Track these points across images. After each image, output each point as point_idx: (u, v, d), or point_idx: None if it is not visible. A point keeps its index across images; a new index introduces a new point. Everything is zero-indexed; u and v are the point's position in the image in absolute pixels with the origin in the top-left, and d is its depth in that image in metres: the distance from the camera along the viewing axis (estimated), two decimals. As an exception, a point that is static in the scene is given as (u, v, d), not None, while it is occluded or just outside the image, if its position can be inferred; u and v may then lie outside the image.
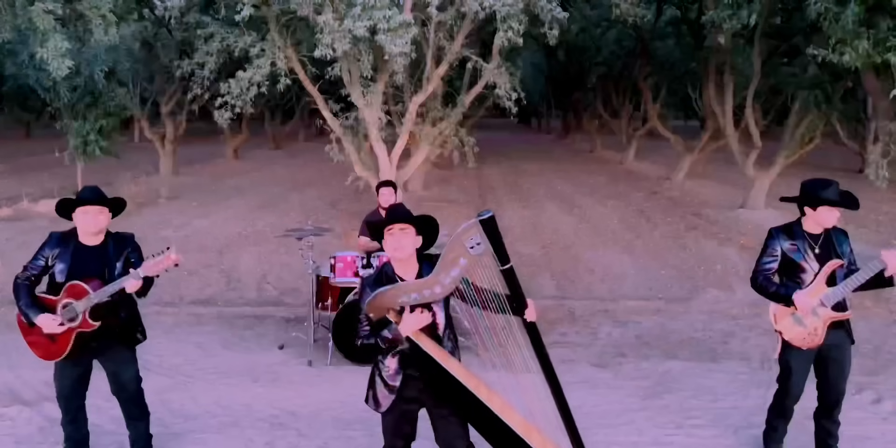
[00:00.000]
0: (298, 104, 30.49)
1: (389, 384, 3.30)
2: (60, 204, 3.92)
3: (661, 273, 9.12)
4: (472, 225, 3.02)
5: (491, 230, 3.02)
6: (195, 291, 8.18)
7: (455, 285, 3.13)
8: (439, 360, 3.21)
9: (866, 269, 3.85)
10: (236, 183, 17.73)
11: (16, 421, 4.76)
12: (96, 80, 12.22)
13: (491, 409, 3.20)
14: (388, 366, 3.30)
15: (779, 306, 4.05)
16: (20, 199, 13.61)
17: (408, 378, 3.28)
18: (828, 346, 4.04)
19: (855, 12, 6.63)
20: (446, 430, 3.32)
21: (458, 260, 3.07)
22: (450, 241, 3.06)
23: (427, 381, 3.26)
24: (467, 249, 3.05)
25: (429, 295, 3.12)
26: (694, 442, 4.58)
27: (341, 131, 10.45)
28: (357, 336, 3.27)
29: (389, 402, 3.30)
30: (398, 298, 3.13)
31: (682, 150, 18.56)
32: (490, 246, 3.04)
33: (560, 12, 9.13)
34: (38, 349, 3.90)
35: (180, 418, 4.81)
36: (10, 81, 19.92)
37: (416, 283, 3.14)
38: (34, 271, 3.89)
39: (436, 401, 3.30)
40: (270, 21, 9.77)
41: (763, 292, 4.09)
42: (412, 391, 3.29)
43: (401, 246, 3.23)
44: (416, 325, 3.17)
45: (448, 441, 3.33)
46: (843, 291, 3.92)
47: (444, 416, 3.30)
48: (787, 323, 4.02)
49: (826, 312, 3.96)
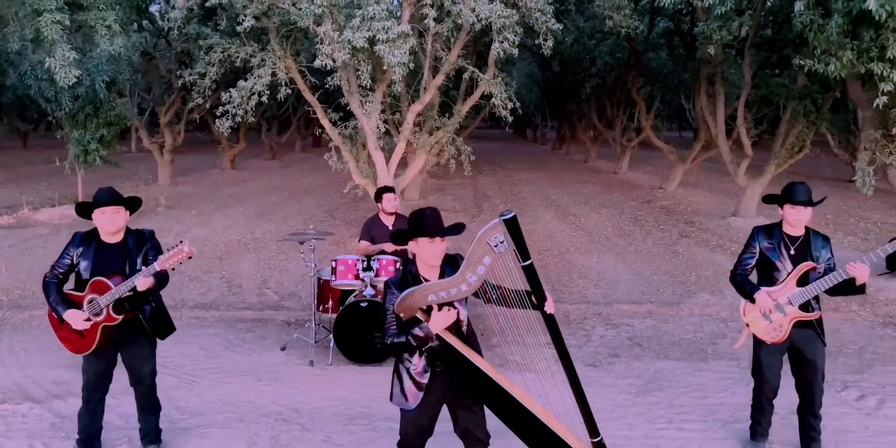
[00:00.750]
0: (295, 115, 30.78)
1: (418, 381, 3.43)
2: (79, 206, 4.10)
3: (653, 278, 9.31)
4: (497, 224, 3.21)
5: (513, 229, 3.21)
6: (197, 296, 8.32)
7: (480, 283, 3.30)
8: (465, 353, 3.40)
9: (834, 275, 4.10)
10: (234, 192, 17.91)
11: (28, 417, 4.91)
12: (97, 90, 12.39)
13: (515, 398, 3.40)
14: (415, 364, 3.43)
15: (748, 301, 4.29)
16: (21, 208, 13.76)
17: (434, 374, 3.43)
18: (798, 344, 4.28)
19: (839, 24, 6.86)
20: (467, 418, 3.49)
21: (483, 258, 3.25)
22: (475, 241, 3.24)
23: (454, 375, 3.42)
24: (492, 248, 3.23)
25: (455, 293, 3.28)
26: (684, 435, 4.75)
27: (340, 140, 10.63)
28: (386, 335, 3.38)
29: (418, 398, 3.44)
30: (427, 298, 3.28)
31: (675, 159, 18.80)
32: (513, 244, 3.23)
33: (554, 24, 9.36)
34: (69, 344, 4.08)
35: (187, 414, 4.97)
36: (10, 92, 20.04)
37: (444, 283, 3.29)
38: (61, 270, 4.07)
39: (460, 393, 3.46)
40: (271, 32, 9.98)
41: (735, 286, 4.40)
42: (438, 387, 3.45)
43: (440, 254, 3.40)
44: (445, 322, 3.33)
45: (468, 428, 3.50)
46: (810, 292, 4.16)
47: (466, 406, 3.48)
48: (754, 316, 4.29)
49: (792, 311, 4.19)
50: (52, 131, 39.68)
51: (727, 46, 15.06)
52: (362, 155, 10.93)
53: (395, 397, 3.50)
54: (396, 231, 3.55)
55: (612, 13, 10.36)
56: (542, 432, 3.47)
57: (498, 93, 9.70)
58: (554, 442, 3.47)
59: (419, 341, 3.31)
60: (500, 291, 3.43)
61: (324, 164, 11.50)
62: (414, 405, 3.44)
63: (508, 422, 3.46)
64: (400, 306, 3.28)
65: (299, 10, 9.00)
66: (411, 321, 3.34)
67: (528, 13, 9.31)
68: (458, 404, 3.50)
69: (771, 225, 4.40)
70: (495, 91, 9.69)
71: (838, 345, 6.73)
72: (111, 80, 12.78)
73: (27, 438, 4.56)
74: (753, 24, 12.92)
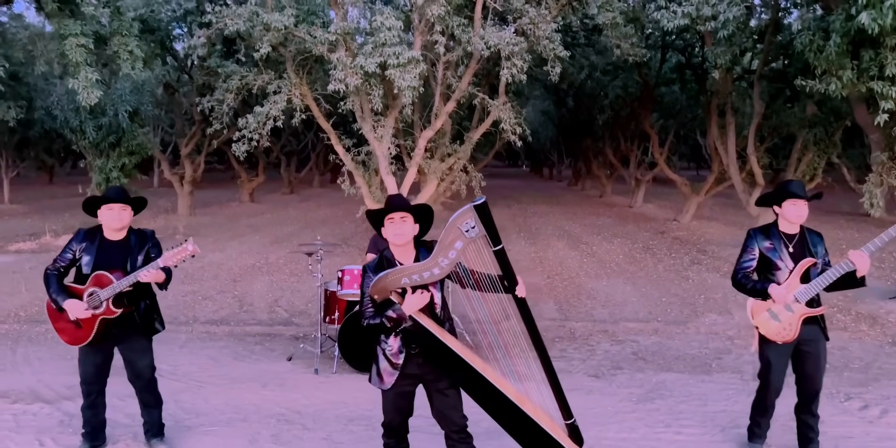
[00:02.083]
0: (314, 151, 31.31)
1: (393, 362, 3.54)
2: (87, 202, 4.28)
3: (661, 300, 9.32)
4: (467, 210, 3.33)
5: (484, 214, 3.33)
6: (209, 313, 8.46)
7: (452, 267, 3.41)
8: (439, 335, 3.49)
9: (837, 267, 4.10)
10: (251, 222, 18.18)
11: (38, 416, 5.03)
12: (121, 120, 12.80)
13: (487, 380, 3.48)
14: (390, 345, 3.55)
15: (756, 302, 4.30)
16: (43, 235, 14.08)
17: (409, 356, 3.54)
18: (803, 340, 4.27)
19: (837, 43, 7.02)
20: (442, 402, 3.57)
21: (455, 243, 3.37)
22: (447, 226, 3.36)
23: (427, 356, 3.52)
24: (463, 233, 3.34)
25: (428, 276, 3.41)
26: (682, 439, 4.76)
27: (353, 165, 10.87)
28: (363, 317, 3.52)
29: (393, 379, 3.54)
30: (400, 280, 3.41)
31: (689, 192, 18.88)
32: (483, 229, 3.35)
33: (562, 51, 9.61)
34: (65, 335, 4.20)
35: (192, 414, 5.06)
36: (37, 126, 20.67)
37: (417, 266, 3.41)
38: (62, 263, 4.23)
39: (434, 375, 3.55)
40: (287, 61, 10.32)
41: (741, 288, 4.35)
42: (413, 368, 3.54)
43: (402, 233, 3.52)
44: (418, 304, 3.45)
45: (443, 412, 3.57)
46: (815, 288, 4.16)
47: (440, 389, 3.56)
48: (763, 318, 4.26)
49: (800, 308, 4.20)
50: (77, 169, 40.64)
51: (738, 78, 15.32)
52: (374, 180, 11.15)
53: (373, 378, 3.61)
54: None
55: (620, 42, 10.60)
56: (516, 414, 3.52)
57: (507, 118, 9.91)
58: (527, 424, 3.52)
59: (393, 322, 3.42)
60: (473, 276, 3.53)
61: (340, 198, 11.75)
62: (389, 385, 3.54)
63: (483, 403, 3.53)
64: (374, 288, 3.40)
65: (314, 38, 9.34)
66: (385, 303, 3.45)
67: (537, 41, 9.58)
68: (432, 387, 3.58)
69: (766, 226, 4.45)
70: (504, 116, 9.90)
71: (845, 361, 6.71)
72: (134, 110, 13.21)
73: (36, 434, 4.68)
74: (762, 56, 13.17)
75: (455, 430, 3.58)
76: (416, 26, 9.69)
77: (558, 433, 3.61)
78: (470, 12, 10.11)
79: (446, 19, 9.29)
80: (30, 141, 22.88)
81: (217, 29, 9.78)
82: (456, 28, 9.54)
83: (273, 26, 8.97)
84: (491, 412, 3.53)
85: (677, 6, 8.92)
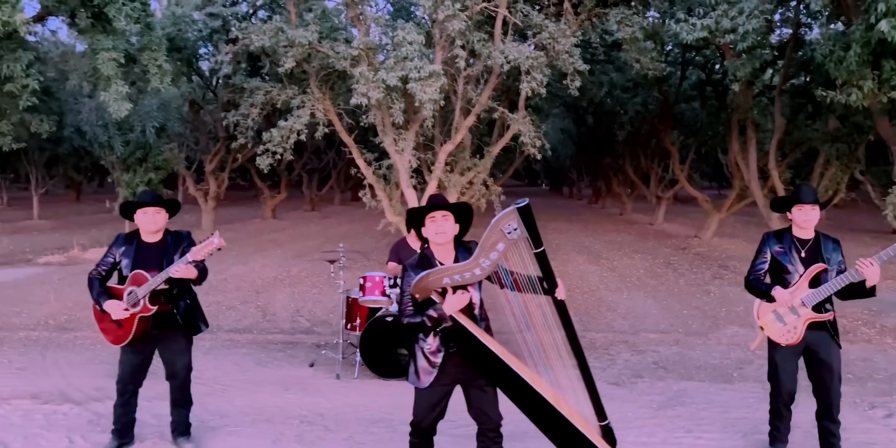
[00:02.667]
0: (335, 169, 31.63)
1: (431, 360, 3.58)
2: (123, 206, 4.43)
3: (682, 312, 9.31)
4: (510, 212, 3.38)
5: (526, 216, 3.37)
6: (232, 322, 8.58)
7: (494, 268, 3.46)
8: (478, 335, 3.55)
9: (846, 275, 4.15)
10: (273, 237, 18.39)
11: (68, 415, 5.15)
12: (148, 136, 13.07)
13: (524, 379, 3.52)
14: (429, 343, 3.59)
15: (762, 303, 4.37)
16: (71, 248, 14.36)
17: (448, 355, 3.58)
18: (812, 346, 4.31)
19: (857, 53, 7.05)
20: (480, 398, 3.61)
21: (497, 244, 3.42)
22: (489, 228, 3.40)
23: (465, 355, 3.57)
24: (505, 234, 3.40)
25: (469, 277, 3.46)
26: (703, 443, 4.76)
27: (374, 179, 11.01)
28: (402, 315, 3.57)
29: (431, 378, 3.58)
30: (441, 280, 3.46)
31: (710, 208, 18.82)
32: (525, 231, 3.40)
33: (581, 65, 9.71)
34: (109, 335, 4.35)
35: (216, 416, 5.14)
36: (66, 143, 21.14)
37: (458, 267, 3.46)
38: (104, 267, 4.39)
39: (472, 374, 3.59)
40: (311, 76, 10.53)
41: (752, 290, 4.44)
42: (450, 367, 3.58)
43: (443, 231, 3.57)
44: (459, 304, 3.49)
45: (481, 409, 3.61)
46: (822, 293, 4.20)
47: (478, 386, 3.60)
48: (768, 319, 4.32)
49: (806, 312, 4.24)
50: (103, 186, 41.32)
51: (759, 93, 15.35)
52: (395, 194, 11.27)
53: (410, 376, 3.65)
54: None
55: (639, 57, 10.69)
56: (551, 414, 3.57)
57: (527, 131, 10.01)
58: (562, 424, 3.56)
59: (433, 321, 3.47)
60: (513, 277, 3.58)
61: (360, 215, 11.87)
62: (427, 384, 3.57)
63: (518, 402, 3.57)
64: (415, 287, 3.45)
65: (337, 53, 9.53)
66: (426, 302, 3.51)
67: (556, 56, 9.70)
68: (470, 385, 3.62)
69: (781, 230, 4.50)
70: (524, 129, 10.00)
71: (869, 372, 6.66)
72: (161, 126, 13.48)
73: (66, 432, 4.78)
74: (783, 71, 13.21)
75: (491, 427, 3.61)
76: (437, 41, 9.86)
77: (592, 434, 3.63)
78: (490, 28, 10.28)
79: (467, 34, 9.45)
80: (59, 158, 23.38)
81: (243, 45, 10.01)
82: (476, 43, 9.69)
83: (297, 42, 9.17)
84: (526, 411, 3.57)
85: (696, 19, 9.00)
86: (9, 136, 9.61)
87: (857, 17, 7.39)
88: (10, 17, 6.83)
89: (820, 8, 7.95)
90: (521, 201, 3.39)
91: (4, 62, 8.41)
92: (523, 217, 3.38)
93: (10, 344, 7.38)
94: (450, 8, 8.73)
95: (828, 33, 8.11)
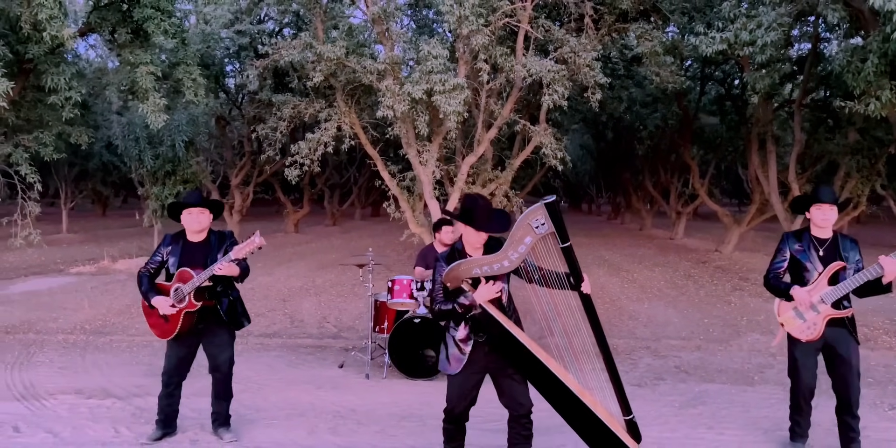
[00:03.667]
0: (356, 185, 31.99)
1: (462, 348, 3.77)
2: (171, 206, 4.69)
3: (703, 321, 9.40)
4: (538, 207, 3.58)
5: (554, 212, 3.57)
6: (261, 328, 8.80)
7: (521, 261, 3.65)
8: (506, 325, 3.73)
9: (866, 272, 4.29)
10: (296, 250, 18.67)
11: (111, 409, 5.38)
12: (177, 149, 13.44)
13: (551, 371, 3.69)
14: (459, 332, 3.79)
15: (782, 301, 4.50)
16: (102, 259, 14.71)
17: (477, 344, 3.77)
18: (831, 342, 4.44)
19: (875, 64, 7.20)
20: (511, 386, 3.78)
21: (525, 238, 3.62)
22: (517, 222, 3.60)
23: (494, 344, 3.75)
24: (533, 229, 3.59)
25: (498, 268, 3.66)
26: (725, 439, 4.88)
27: (398, 190, 11.24)
28: (434, 302, 3.78)
29: (461, 365, 3.76)
30: (472, 270, 3.67)
31: (731, 222, 18.86)
32: (553, 226, 3.58)
33: (602, 78, 9.92)
34: (157, 329, 4.59)
35: (252, 410, 5.35)
36: (95, 158, 21.64)
37: (488, 258, 3.66)
38: (153, 266, 4.64)
39: (500, 364, 3.76)
40: (337, 91, 10.83)
41: (770, 288, 4.59)
42: (480, 356, 3.77)
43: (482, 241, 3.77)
44: (489, 295, 3.69)
45: (512, 395, 3.79)
46: (842, 290, 4.34)
47: (508, 375, 3.78)
48: (788, 316, 4.46)
49: (825, 309, 4.38)
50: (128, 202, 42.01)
51: (779, 107, 15.46)
52: (418, 205, 11.49)
53: (441, 363, 3.84)
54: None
55: (659, 69, 10.88)
56: (577, 406, 3.72)
57: (548, 143, 10.21)
58: (587, 416, 3.72)
59: (464, 308, 3.66)
60: (540, 272, 3.76)
61: (381, 230, 12.10)
62: (457, 370, 3.76)
63: (545, 393, 3.73)
64: (447, 276, 3.66)
65: (364, 68, 9.82)
66: (456, 291, 3.71)
67: (577, 69, 9.91)
68: (500, 373, 3.79)
69: (800, 230, 4.66)
70: (545, 141, 10.20)
71: (889, 376, 6.73)
72: (189, 140, 13.85)
73: (111, 423, 5.01)
74: (801, 85, 13.34)
75: (522, 413, 3.77)
76: (461, 56, 10.12)
77: (616, 428, 3.78)
78: (512, 43, 10.52)
79: (490, 49, 9.70)
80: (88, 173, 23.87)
81: (272, 60, 10.34)
82: (499, 57, 9.93)
83: (326, 56, 9.47)
84: (552, 401, 3.73)
85: (716, 32, 9.19)
86: (50, 147, 10.00)
87: (874, 28, 7.55)
88: (58, 32, 7.21)
89: (837, 20, 8.12)
90: (549, 197, 3.58)
91: (49, 75, 8.81)
92: (550, 213, 3.56)
93: (50, 346, 7.65)
94: (473, 23, 8.98)
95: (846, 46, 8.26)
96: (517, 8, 9.80)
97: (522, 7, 9.80)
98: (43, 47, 8.55)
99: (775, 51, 9.07)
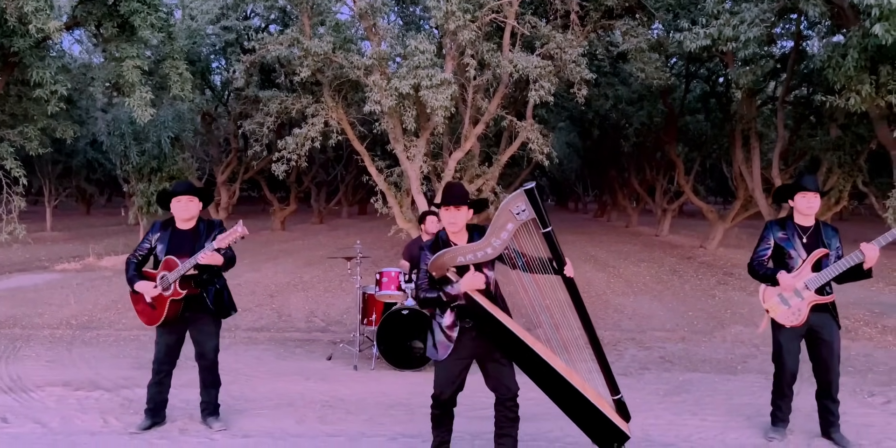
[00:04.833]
0: (343, 183, 31.99)
1: (448, 334, 3.82)
2: (160, 194, 4.71)
3: (687, 314, 9.51)
4: (518, 194, 3.63)
5: (533, 199, 3.62)
6: (249, 322, 8.81)
7: (504, 247, 3.70)
8: (492, 311, 3.78)
9: (848, 259, 4.38)
10: (283, 247, 18.67)
11: (99, 400, 5.39)
12: (163, 145, 13.40)
13: (537, 353, 3.75)
14: (445, 318, 3.84)
15: (767, 287, 4.58)
16: (87, 256, 14.64)
17: (463, 330, 3.82)
18: (815, 327, 4.54)
19: (855, 59, 7.32)
20: (498, 370, 3.83)
21: (507, 225, 3.67)
22: (499, 209, 3.66)
23: (481, 330, 3.80)
24: (514, 216, 3.65)
25: (482, 255, 3.71)
26: (708, 425, 4.96)
27: (385, 186, 11.28)
28: (418, 290, 3.82)
29: (448, 351, 3.81)
30: (456, 259, 3.71)
31: (715, 218, 19.04)
32: (533, 212, 3.64)
33: (588, 74, 10.01)
34: (143, 316, 4.60)
35: (241, 401, 5.37)
36: (80, 155, 21.51)
37: (471, 246, 3.72)
38: (141, 252, 4.67)
39: (487, 349, 3.82)
40: (324, 86, 10.85)
41: (755, 274, 4.66)
42: (467, 341, 3.82)
43: (455, 221, 3.82)
44: (474, 283, 3.73)
45: (499, 380, 3.84)
46: (826, 276, 4.44)
47: (495, 359, 3.83)
48: (773, 302, 4.54)
49: (809, 295, 4.46)
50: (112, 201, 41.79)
51: (762, 104, 15.66)
52: (406, 201, 11.54)
53: (429, 350, 3.89)
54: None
55: (644, 66, 10.99)
56: (565, 387, 3.79)
57: (535, 138, 10.28)
58: (576, 397, 3.78)
59: (449, 298, 3.71)
60: (524, 258, 3.81)
61: (368, 228, 12.13)
62: (444, 356, 3.81)
63: (533, 376, 3.79)
64: (432, 265, 3.70)
65: (351, 63, 9.85)
66: (442, 280, 3.75)
67: (563, 65, 9.99)
68: (487, 358, 3.84)
69: (783, 218, 4.74)
70: (531, 136, 10.27)
71: (869, 365, 6.85)
72: (175, 136, 13.81)
73: (100, 414, 5.02)
74: (785, 82, 13.50)
75: (509, 397, 3.83)
76: (448, 51, 10.18)
77: (605, 407, 3.84)
78: (499, 39, 10.60)
79: (476, 44, 9.76)
80: (71, 171, 23.71)
81: (259, 55, 10.35)
82: (486, 53, 9.99)
83: (313, 52, 9.49)
84: (540, 385, 3.78)
85: (700, 28, 9.30)
86: (35, 141, 9.96)
87: (854, 24, 7.67)
88: (44, 24, 7.19)
89: (818, 16, 8.24)
90: (529, 184, 3.64)
91: (34, 69, 8.77)
92: (530, 199, 3.62)
93: (36, 340, 7.62)
94: (460, 19, 9.05)
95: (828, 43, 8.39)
96: (503, 4, 9.87)
97: (509, 3, 9.87)
98: (28, 41, 8.53)
99: (758, 47, 9.18)
